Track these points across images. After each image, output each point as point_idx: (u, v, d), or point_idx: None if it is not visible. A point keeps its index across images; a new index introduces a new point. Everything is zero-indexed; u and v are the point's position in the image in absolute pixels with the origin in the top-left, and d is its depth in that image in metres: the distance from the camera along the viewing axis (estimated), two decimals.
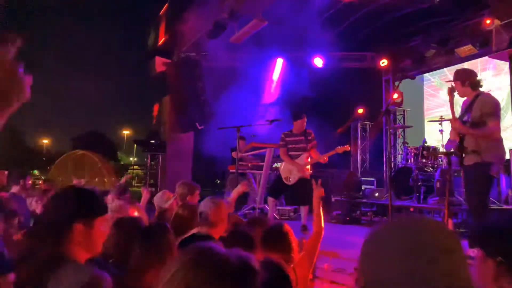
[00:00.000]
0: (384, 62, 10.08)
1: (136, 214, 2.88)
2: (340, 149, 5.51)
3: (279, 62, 9.77)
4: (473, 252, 1.22)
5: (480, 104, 3.67)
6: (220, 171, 9.98)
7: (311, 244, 2.51)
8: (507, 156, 6.70)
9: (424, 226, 0.86)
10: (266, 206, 7.14)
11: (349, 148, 5.62)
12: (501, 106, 8.07)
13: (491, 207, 6.45)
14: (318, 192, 2.66)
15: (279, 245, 2.17)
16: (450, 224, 2.63)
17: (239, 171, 7.56)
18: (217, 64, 9.78)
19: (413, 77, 8.72)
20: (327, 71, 9.86)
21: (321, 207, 2.60)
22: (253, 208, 7.49)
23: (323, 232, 2.54)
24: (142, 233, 1.88)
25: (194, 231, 2.62)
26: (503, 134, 7.93)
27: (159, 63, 9.31)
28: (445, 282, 0.77)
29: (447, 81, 4.21)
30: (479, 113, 3.65)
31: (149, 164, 11.18)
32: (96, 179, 18.80)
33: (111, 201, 3.34)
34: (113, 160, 38.46)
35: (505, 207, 6.50)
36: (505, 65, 7.76)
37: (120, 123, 78.58)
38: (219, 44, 8.20)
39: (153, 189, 8.21)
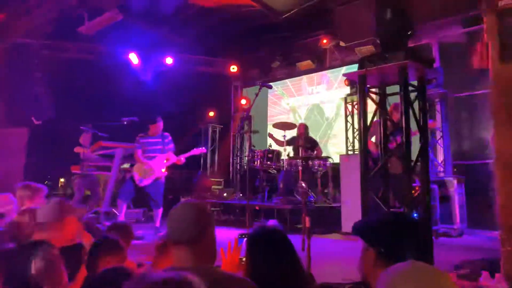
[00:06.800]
0: (234, 68, 10.66)
1: None
2: (196, 150, 5.62)
3: (132, 57, 9.34)
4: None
5: None
6: (61, 171, 8.96)
7: None
8: (337, 160, 7.78)
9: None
10: (113, 210, 6.71)
11: (206, 150, 5.76)
12: (332, 116, 9.43)
13: None
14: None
15: None
16: (307, 221, 2.91)
17: (84, 172, 6.98)
18: (64, 55, 8.83)
19: (270, 87, 9.39)
20: (179, 72, 9.86)
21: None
22: (97, 212, 6.95)
23: None
24: None
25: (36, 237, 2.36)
26: (333, 140, 9.26)
27: None
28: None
29: None
30: None
31: None
32: None
33: None
34: None
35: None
36: (336, 81, 9.11)
37: None
38: (68, 33, 7.42)
39: None
